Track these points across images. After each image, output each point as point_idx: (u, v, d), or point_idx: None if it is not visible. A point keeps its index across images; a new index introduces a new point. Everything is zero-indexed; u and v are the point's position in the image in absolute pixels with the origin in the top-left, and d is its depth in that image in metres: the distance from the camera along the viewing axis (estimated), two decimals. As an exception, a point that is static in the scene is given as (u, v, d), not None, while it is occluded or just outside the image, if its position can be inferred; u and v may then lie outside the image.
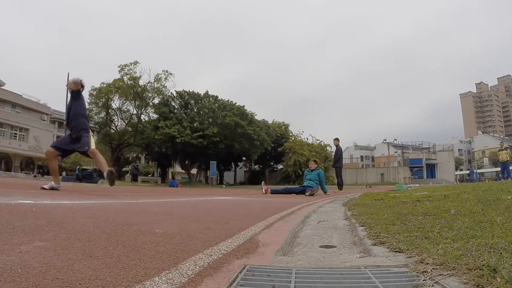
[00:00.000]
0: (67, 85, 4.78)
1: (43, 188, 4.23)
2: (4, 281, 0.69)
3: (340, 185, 9.65)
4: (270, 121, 32.22)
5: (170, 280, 0.78)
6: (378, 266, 0.93)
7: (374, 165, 50.05)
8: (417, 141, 49.71)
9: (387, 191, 6.95)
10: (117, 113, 26.83)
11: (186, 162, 26.29)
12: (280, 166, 33.10)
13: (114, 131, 26.55)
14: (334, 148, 10.19)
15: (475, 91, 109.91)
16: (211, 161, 23.27)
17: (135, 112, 26.30)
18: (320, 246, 1.30)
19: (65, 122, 4.71)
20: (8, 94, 31.28)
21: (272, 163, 34.82)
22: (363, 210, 2.51)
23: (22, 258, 0.87)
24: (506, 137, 74.43)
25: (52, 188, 4.24)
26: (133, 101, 25.63)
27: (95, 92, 24.90)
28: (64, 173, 32.00)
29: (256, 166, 36.92)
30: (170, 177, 30.69)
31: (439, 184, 21.34)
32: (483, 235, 1.14)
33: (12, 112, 31.36)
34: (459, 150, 64.52)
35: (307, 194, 6.48)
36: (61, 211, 1.96)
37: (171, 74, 24.51)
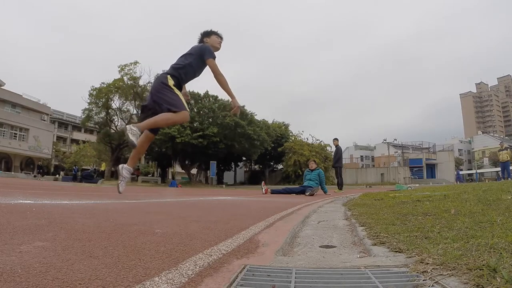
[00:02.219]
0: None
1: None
2: (4, 281, 0.69)
3: (340, 185, 9.66)
4: (270, 121, 32.22)
5: (170, 280, 0.78)
6: (378, 266, 0.93)
7: (374, 165, 50.03)
8: (417, 141, 49.80)
9: (387, 191, 6.95)
10: (117, 113, 26.87)
11: (186, 162, 26.29)
12: (280, 166, 33.11)
13: (114, 131, 26.58)
14: (334, 148, 10.20)
15: (475, 91, 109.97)
16: (211, 161, 23.27)
17: (135, 112, 26.32)
18: (320, 246, 1.29)
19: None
20: (8, 94, 31.32)
21: (272, 163, 34.81)
22: (363, 210, 2.51)
23: (22, 258, 0.87)
24: (506, 137, 74.47)
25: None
26: (133, 101, 25.71)
27: (95, 92, 24.97)
28: (62, 173, 32.02)
29: (256, 166, 36.92)
30: (170, 177, 30.70)
31: (439, 184, 21.33)
32: (483, 235, 1.14)
33: (12, 112, 31.39)
34: (459, 150, 64.52)
35: (307, 194, 6.48)
36: (61, 211, 1.96)
37: (171, 74, 24.50)
